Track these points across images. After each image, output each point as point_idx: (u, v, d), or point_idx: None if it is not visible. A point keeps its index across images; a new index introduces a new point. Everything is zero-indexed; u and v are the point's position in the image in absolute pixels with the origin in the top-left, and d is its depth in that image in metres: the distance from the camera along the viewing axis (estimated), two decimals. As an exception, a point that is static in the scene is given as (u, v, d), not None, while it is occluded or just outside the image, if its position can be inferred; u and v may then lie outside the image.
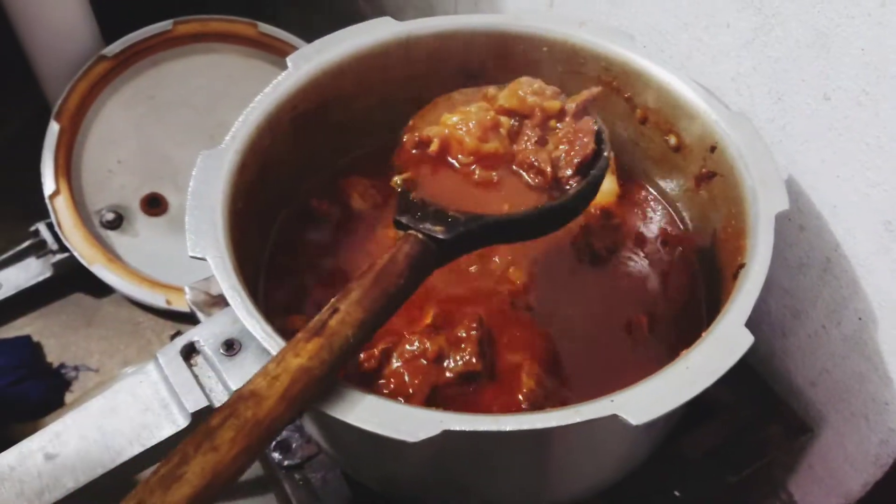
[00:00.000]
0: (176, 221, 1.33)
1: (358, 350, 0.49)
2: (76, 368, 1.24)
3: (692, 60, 0.78)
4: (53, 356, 1.25)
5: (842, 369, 0.74)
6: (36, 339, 1.26)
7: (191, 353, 0.59)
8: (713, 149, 0.68)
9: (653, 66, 0.72)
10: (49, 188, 1.23)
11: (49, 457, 0.55)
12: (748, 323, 0.54)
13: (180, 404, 0.57)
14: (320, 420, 0.64)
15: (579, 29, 0.75)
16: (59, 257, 1.25)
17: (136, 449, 0.55)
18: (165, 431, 0.56)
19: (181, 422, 0.56)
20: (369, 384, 0.61)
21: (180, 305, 1.23)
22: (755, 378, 0.80)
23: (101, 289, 1.28)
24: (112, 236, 1.29)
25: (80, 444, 0.55)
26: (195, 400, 0.56)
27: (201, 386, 0.57)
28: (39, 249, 1.28)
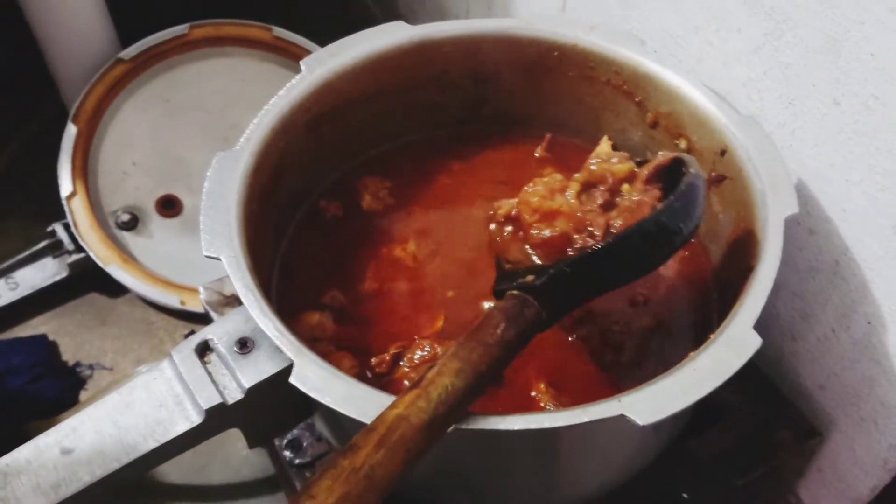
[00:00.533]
0: (190, 223, 1.34)
1: (469, 396, 0.51)
2: (91, 367, 1.25)
3: (703, 65, 0.78)
4: (69, 355, 1.26)
5: (851, 373, 0.74)
6: (52, 338, 1.27)
7: (205, 351, 0.59)
8: (723, 152, 0.68)
9: (663, 71, 0.73)
10: (66, 189, 1.24)
11: (65, 451, 0.56)
12: (757, 325, 0.54)
13: (194, 401, 0.57)
14: (331, 418, 0.65)
15: (590, 33, 0.76)
16: (76, 258, 1.26)
17: (151, 444, 0.56)
18: (179, 427, 0.57)
19: (195, 418, 0.57)
20: (382, 386, 0.61)
21: (193, 306, 1.24)
22: (764, 381, 0.80)
23: (116, 289, 1.30)
24: (127, 237, 1.30)
25: (96, 439, 0.56)
26: (209, 397, 0.57)
27: (215, 383, 0.58)
28: (56, 250, 1.29)
